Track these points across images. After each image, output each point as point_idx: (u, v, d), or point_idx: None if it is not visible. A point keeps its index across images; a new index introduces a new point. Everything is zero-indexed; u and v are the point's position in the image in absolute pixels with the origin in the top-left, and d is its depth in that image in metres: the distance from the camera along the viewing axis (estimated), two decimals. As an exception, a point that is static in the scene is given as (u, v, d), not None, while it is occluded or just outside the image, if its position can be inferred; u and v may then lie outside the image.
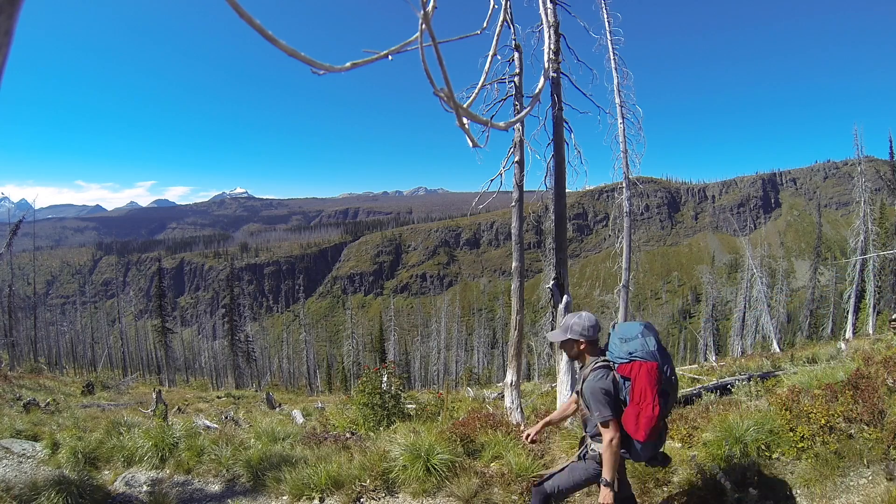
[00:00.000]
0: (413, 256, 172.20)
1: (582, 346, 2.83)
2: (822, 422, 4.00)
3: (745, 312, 31.93)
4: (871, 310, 24.16)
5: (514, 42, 7.18)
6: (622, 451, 2.68)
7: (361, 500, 4.35)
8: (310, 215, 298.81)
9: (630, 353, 2.69)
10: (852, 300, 24.74)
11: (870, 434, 3.85)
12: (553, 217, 7.69)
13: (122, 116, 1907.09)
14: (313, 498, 4.42)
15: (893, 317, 14.10)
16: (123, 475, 5.11)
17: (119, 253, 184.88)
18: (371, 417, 7.31)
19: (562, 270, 7.48)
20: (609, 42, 9.12)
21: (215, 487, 4.85)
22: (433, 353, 44.90)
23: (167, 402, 10.14)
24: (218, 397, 19.26)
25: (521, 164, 7.17)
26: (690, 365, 22.86)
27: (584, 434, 3.03)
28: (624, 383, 2.64)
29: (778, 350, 23.62)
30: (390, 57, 0.90)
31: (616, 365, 2.70)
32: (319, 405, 14.17)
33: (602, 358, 2.78)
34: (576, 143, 7.56)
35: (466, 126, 1.05)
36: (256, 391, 25.46)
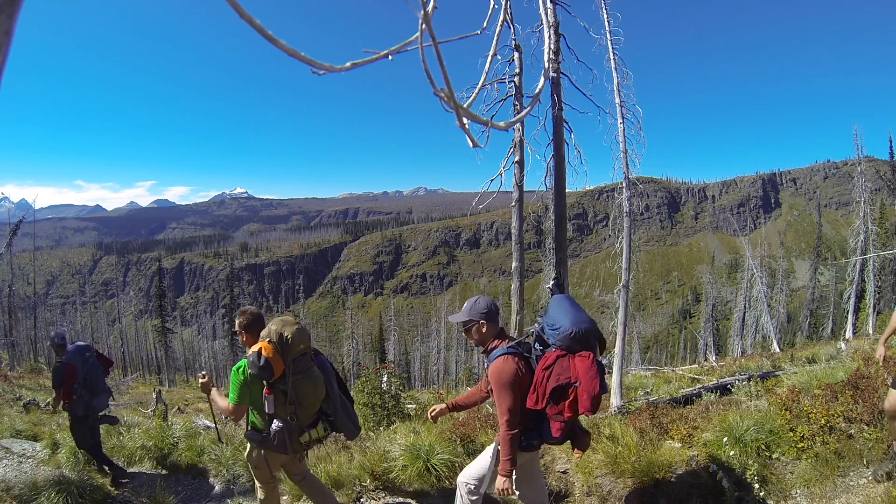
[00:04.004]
0: (413, 256, 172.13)
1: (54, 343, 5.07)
2: (822, 422, 4.00)
3: (745, 312, 31.92)
4: (871, 310, 24.15)
5: (514, 42, 7.18)
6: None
7: (361, 499, 4.35)
8: (310, 215, 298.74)
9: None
10: (852, 300, 24.73)
11: (870, 434, 3.85)
12: (553, 217, 7.69)
13: (122, 116, 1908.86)
14: (313, 498, 4.42)
15: None
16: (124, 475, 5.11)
17: (119, 253, 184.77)
18: (371, 417, 7.31)
19: (562, 270, 7.48)
20: (609, 42, 9.11)
21: (215, 487, 4.85)
22: (433, 353, 44.88)
23: (167, 402, 10.13)
24: (218, 397, 19.20)
25: (521, 164, 7.17)
26: (690, 365, 22.85)
27: None
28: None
29: (778, 350, 23.62)
30: (390, 57, 0.90)
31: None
32: (319, 405, 14.13)
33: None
34: (576, 143, 7.56)
35: (466, 126, 1.05)
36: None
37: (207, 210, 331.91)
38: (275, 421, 2.94)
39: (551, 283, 7.59)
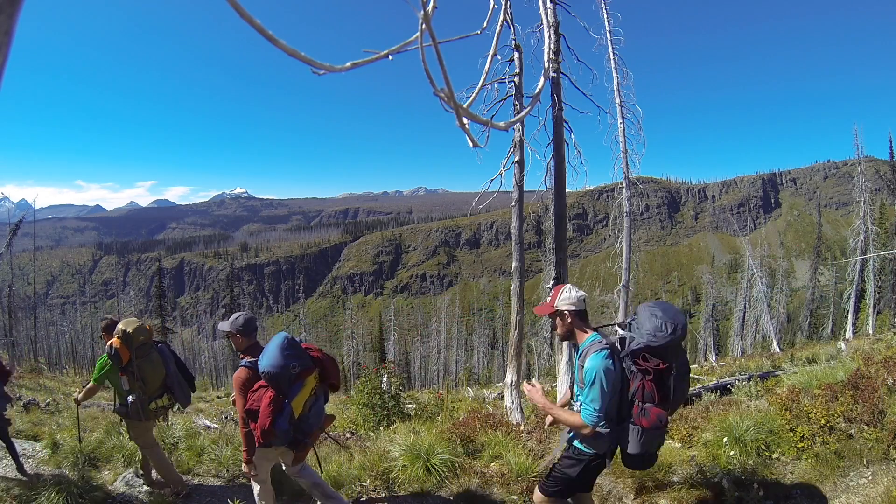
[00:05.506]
0: (413, 256, 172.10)
1: None
2: (822, 422, 4.00)
3: (745, 312, 31.93)
4: (871, 310, 24.16)
5: (514, 42, 7.18)
6: None
7: (361, 499, 4.35)
8: (310, 215, 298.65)
9: None
10: (852, 300, 24.74)
11: (870, 434, 3.85)
12: (553, 217, 7.69)
13: (122, 115, 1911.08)
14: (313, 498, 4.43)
15: None
16: (123, 475, 5.11)
17: (119, 253, 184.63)
18: (371, 417, 7.31)
19: (562, 270, 7.48)
20: (609, 42, 9.12)
21: (215, 487, 4.85)
22: (433, 353, 44.85)
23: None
24: (218, 397, 19.28)
25: (521, 164, 7.17)
26: (691, 365, 22.83)
27: None
28: None
29: (778, 350, 23.62)
30: (390, 57, 0.90)
31: None
32: (319, 405, 14.12)
33: None
34: (576, 143, 7.57)
35: (466, 126, 1.05)
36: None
37: (207, 210, 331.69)
38: (130, 395, 4.02)
39: (551, 283, 7.61)
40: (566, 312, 2.77)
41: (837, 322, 31.31)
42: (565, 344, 7.34)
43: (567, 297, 2.77)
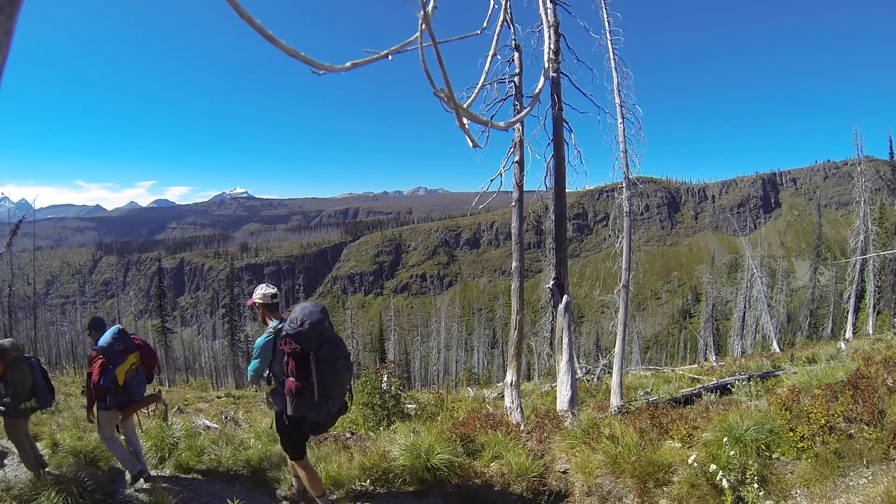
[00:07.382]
0: (413, 256, 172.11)
1: None
2: (822, 422, 4.00)
3: (745, 312, 31.93)
4: (871, 310, 24.16)
5: (514, 42, 7.18)
6: None
7: (361, 499, 4.35)
8: (310, 215, 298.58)
9: None
10: (852, 300, 24.74)
11: (870, 434, 3.85)
12: (553, 217, 7.69)
13: (122, 115, 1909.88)
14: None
15: None
16: (123, 474, 5.11)
17: (119, 253, 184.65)
18: (371, 417, 7.32)
19: (562, 270, 7.49)
20: (609, 42, 9.12)
21: (215, 487, 4.85)
22: (433, 353, 44.85)
23: (167, 402, 10.12)
24: (218, 397, 19.29)
25: (521, 164, 7.18)
26: (690, 365, 22.85)
27: None
28: None
29: (778, 350, 23.62)
30: (390, 57, 0.90)
31: None
32: (319, 405, 14.12)
33: None
34: (576, 143, 7.57)
35: (466, 126, 1.05)
36: (256, 391, 25.46)
37: (207, 210, 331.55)
38: (6, 398, 4.89)
39: (551, 283, 7.62)
40: (256, 304, 3.71)
41: (837, 322, 31.32)
42: (565, 344, 7.35)
43: (257, 293, 3.71)
